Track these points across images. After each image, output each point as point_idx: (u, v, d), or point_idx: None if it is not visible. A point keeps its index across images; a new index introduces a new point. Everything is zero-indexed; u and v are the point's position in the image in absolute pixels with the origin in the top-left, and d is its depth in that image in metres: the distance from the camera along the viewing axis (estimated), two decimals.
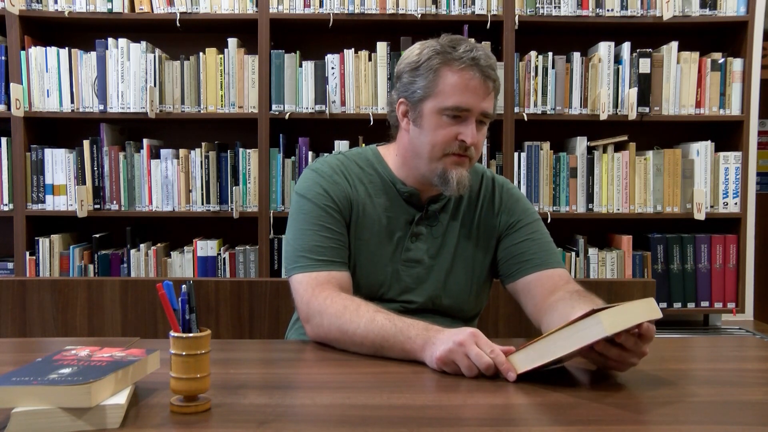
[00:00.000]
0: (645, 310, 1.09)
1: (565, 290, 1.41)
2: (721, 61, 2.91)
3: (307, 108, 2.86)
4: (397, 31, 2.90)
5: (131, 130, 3.07)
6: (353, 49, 2.86)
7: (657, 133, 3.06)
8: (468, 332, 1.14)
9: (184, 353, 0.95)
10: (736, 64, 2.90)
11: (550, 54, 2.88)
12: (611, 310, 1.05)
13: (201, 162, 2.87)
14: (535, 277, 1.48)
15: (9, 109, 2.80)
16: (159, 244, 2.93)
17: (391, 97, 1.52)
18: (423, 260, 1.50)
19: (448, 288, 1.51)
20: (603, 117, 2.83)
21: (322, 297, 1.35)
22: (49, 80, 2.84)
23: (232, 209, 2.85)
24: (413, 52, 1.46)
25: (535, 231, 1.54)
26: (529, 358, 1.10)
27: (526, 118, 2.85)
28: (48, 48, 2.85)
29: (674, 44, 2.89)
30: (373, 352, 1.26)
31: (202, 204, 2.87)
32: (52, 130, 3.07)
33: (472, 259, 1.54)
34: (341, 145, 2.89)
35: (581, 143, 2.90)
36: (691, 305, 2.95)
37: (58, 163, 2.86)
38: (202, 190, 2.87)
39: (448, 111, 1.41)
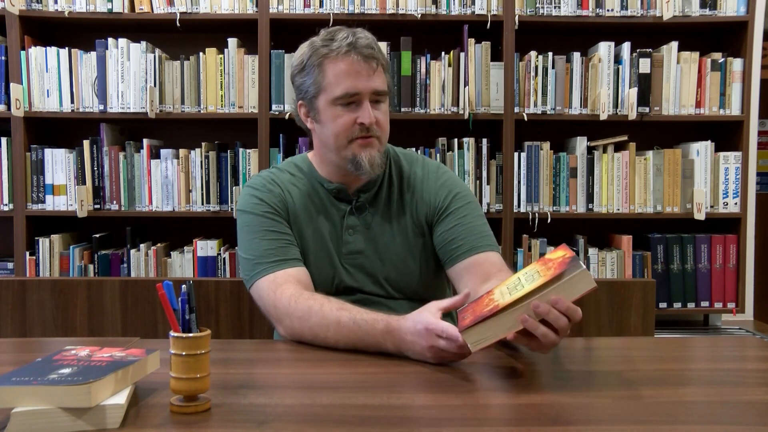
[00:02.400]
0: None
1: (497, 279, 1.39)
2: (721, 61, 2.90)
3: None
4: (397, 31, 2.90)
5: (131, 130, 3.06)
6: None
7: (657, 133, 3.06)
8: (426, 343, 1.18)
9: (184, 353, 0.95)
10: (736, 64, 2.90)
11: (550, 54, 2.88)
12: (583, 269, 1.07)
13: (201, 162, 2.87)
14: (467, 263, 1.49)
15: (9, 109, 2.80)
16: (159, 244, 2.93)
17: (294, 103, 1.58)
18: (363, 250, 1.54)
19: (398, 274, 1.54)
20: (603, 117, 2.83)
21: (285, 298, 1.38)
22: (49, 80, 2.84)
23: (232, 209, 2.85)
24: (297, 54, 1.53)
25: (465, 215, 1.54)
26: (498, 327, 1.08)
27: (526, 118, 2.85)
28: (48, 48, 2.85)
29: (674, 44, 2.89)
30: (348, 348, 1.30)
31: (202, 204, 2.87)
32: (52, 130, 3.07)
33: (413, 244, 1.56)
34: None
35: (581, 143, 2.90)
36: (691, 305, 2.95)
37: (58, 163, 2.86)
38: (202, 190, 2.87)
39: (340, 100, 1.46)
